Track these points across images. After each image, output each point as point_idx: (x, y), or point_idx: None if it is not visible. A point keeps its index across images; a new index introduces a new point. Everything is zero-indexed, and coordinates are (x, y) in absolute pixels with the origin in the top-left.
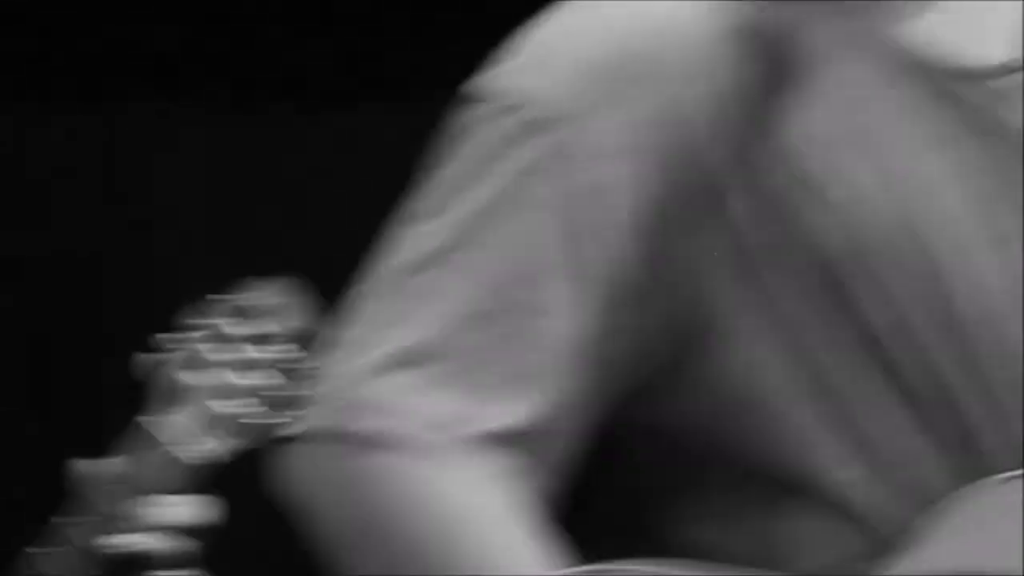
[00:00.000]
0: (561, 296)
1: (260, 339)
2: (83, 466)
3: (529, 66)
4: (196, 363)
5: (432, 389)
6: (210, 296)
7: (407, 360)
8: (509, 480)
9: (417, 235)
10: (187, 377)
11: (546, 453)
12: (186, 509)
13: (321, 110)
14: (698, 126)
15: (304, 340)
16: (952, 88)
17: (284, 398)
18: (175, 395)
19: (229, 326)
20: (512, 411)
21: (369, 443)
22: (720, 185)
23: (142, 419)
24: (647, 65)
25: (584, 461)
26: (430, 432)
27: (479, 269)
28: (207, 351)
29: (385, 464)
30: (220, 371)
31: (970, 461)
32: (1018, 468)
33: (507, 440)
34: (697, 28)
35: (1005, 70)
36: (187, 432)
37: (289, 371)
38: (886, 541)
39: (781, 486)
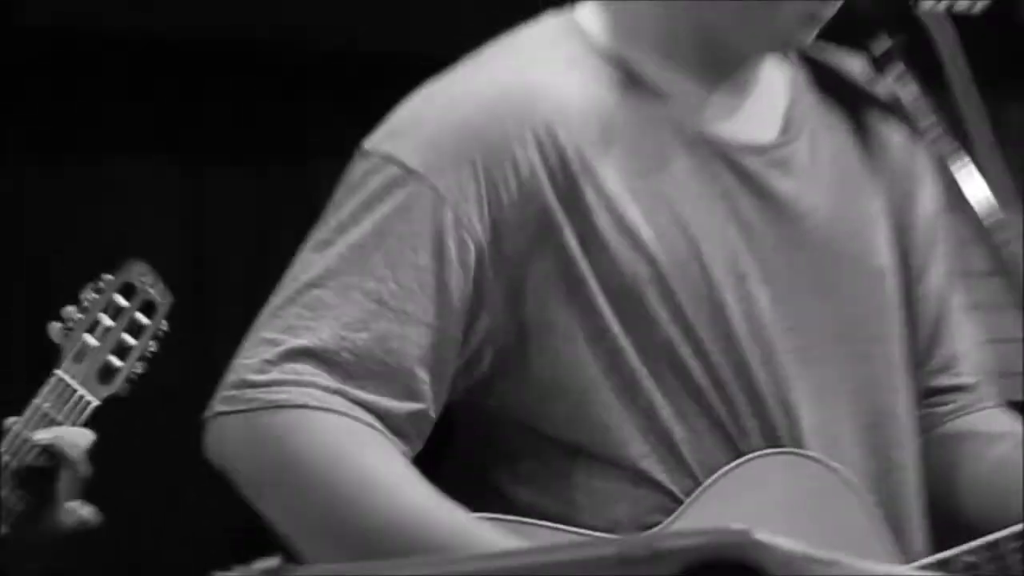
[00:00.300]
0: (421, 309)
1: (142, 310)
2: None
3: (399, 131)
4: (94, 328)
5: (320, 375)
6: (105, 277)
7: (302, 355)
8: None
9: (315, 259)
10: (88, 339)
11: (406, 428)
12: (79, 435)
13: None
14: (531, 180)
15: (171, 312)
16: (732, 159)
17: (154, 355)
18: (79, 352)
19: (119, 299)
20: (380, 396)
21: (277, 406)
22: (555, 223)
23: (56, 371)
24: (487, 133)
25: (434, 431)
26: (323, 396)
27: (358, 288)
28: (103, 319)
29: (292, 417)
30: (112, 334)
31: (738, 441)
32: (772, 448)
33: (377, 413)
34: (533, 104)
35: (772, 147)
36: (87, 380)
37: (159, 336)
38: (677, 499)
39: (587, 457)
